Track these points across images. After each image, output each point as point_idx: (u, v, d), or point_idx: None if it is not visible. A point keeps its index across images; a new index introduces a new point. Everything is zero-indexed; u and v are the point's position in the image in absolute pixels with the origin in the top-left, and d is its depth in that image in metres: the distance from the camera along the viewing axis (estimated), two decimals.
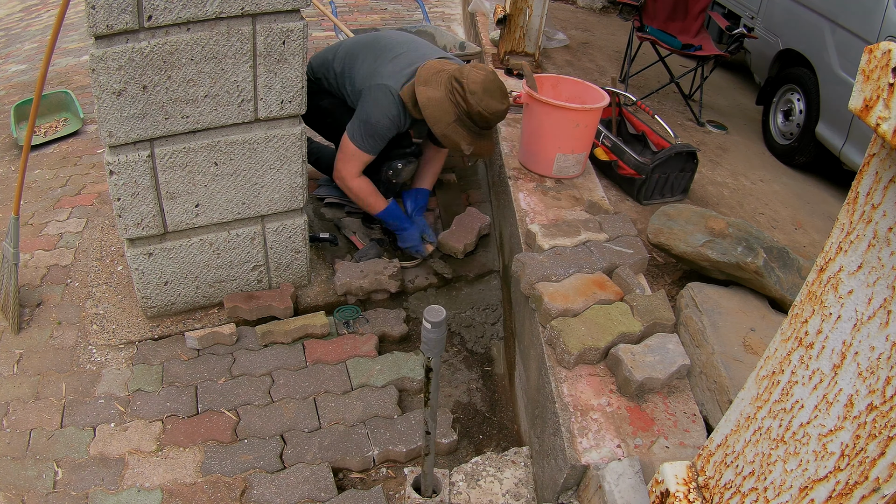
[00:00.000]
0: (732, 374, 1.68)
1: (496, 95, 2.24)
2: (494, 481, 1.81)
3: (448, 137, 2.29)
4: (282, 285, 2.53)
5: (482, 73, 2.24)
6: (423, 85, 2.28)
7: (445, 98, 2.25)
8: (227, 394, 2.15)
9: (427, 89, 2.27)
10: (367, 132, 2.37)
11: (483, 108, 2.22)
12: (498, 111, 2.26)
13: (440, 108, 2.25)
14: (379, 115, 2.34)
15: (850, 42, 3.46)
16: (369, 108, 2.36)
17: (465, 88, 2.21)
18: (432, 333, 1.36)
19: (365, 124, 2.36)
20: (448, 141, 2.31)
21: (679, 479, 1.25)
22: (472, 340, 2.58)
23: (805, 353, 0.99)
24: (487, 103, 2.22)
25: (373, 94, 2.35)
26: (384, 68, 2.39)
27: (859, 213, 0.88)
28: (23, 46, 5.73)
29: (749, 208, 3.12)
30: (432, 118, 2.26)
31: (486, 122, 2.28)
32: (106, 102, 1.88)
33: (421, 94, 2.27)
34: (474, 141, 2.32)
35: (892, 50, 0.75)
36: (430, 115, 2.26)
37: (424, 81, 2.28)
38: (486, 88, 2.21)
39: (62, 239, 2.91)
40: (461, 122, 2.27)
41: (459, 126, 2.28)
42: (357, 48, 2.55)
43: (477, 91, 2.20)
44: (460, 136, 2.28)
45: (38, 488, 1.84)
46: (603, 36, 5.52)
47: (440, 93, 2.26)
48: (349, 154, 2.42)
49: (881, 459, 0.83)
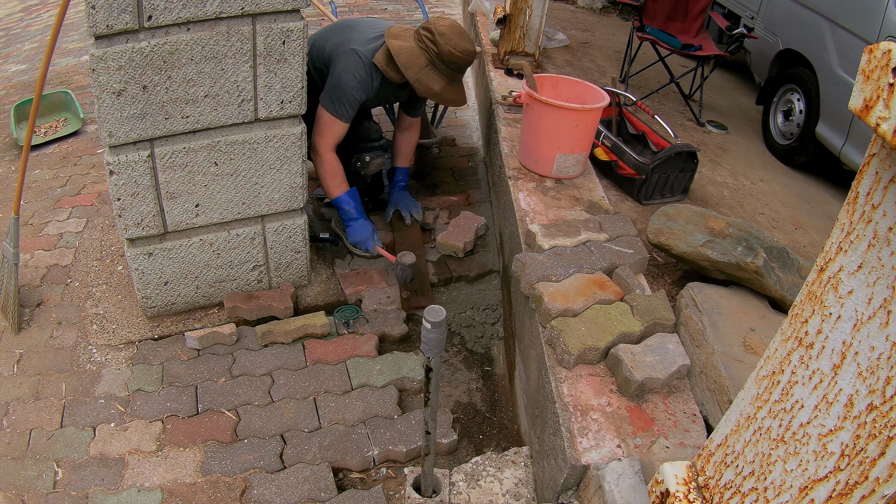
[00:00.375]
0: (732, 374, 1.68)
1: (464, 37, 2.38)
2: (494, 481, 1.81)
3: (421, 82, 2.40)
4: (282, 285, 2.53)
5: (448, 21, 2.41)
6: (394, 38, 2.43)
7: (415, 46, 2.40)
8: (227, 394, 2.15)
9: (397, 41, 2.42)
10: (337, 97, 2.44)
11: (453, 47, 2.35)
12: (467, 50, 2.38)
13: (411, 55, 2.38)
14: (348, 77, 2.43)
15: (850, 42, 3.46)
16: (338, 73, 2.44)
17: (433, 32, 2.36)
18: (432, 333, 1.36)
19: (335, 89, 2.44)
20: (421, 86, 2.42)
21: (679, 479, 1.25)
22: (472, 340, 2.58)
23: (805, 353, 0.99)
24: (456, 42, 2.35)
25: (341, 59, 2.44)
26: (352, 37, 2.50)
27: (859, 213, 0.88)
28: (23, 46, 5.73)
29: (749, 208, 3.12)
30: (405, 64, 2.38)
31: (456, 63, 2.40)
32: (106, 102, 1.88)
33: (392, 45, 2.41)
34: (447, 86, 2.45)
35: (892, 50, 0.75)
36: (403, 61, 2.38)
37: (395, 36, 2.44)
38: (454, 31, 2.36)
39: (62, 239, 2.91)
40: (433, 65, 2.40)
41: (431, 70, 2.40)
42: (328, 31, 2.66)
43: (446, 33, 2.35)
44: (432, 80, 2.41)
45: (38, 488, 1.84)
46: (603, 36, 5.51)
47: (410, 42, 2.41)
48: (323, 124, 2.48)
49: (881, 459, 0.83)
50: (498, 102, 3.27)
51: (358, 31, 2.55)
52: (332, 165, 2.56)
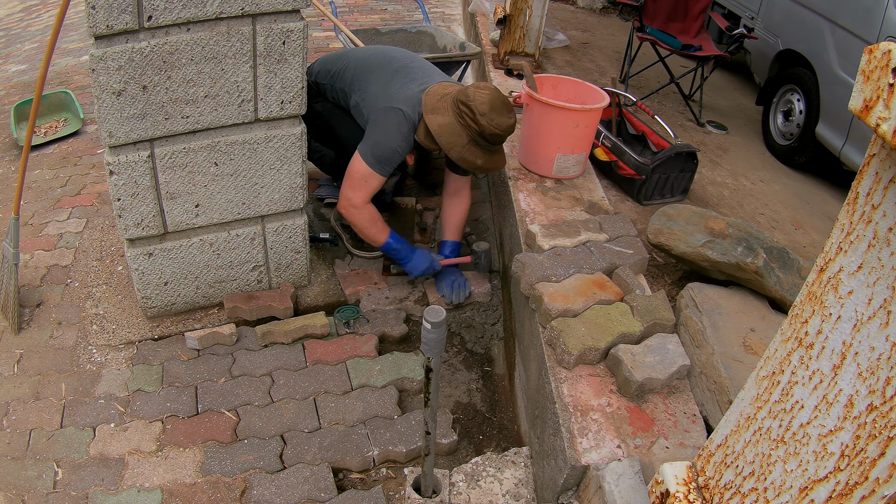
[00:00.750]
0: (732, 374, 1.68)
1: (504, 112, 2.28)
2: (494, 481, 1.81)
3: (465, 159, 2.32)
4: (282, 285, 2.53)
5: (487, 93, 2.28)
6: (431, 113, 2.31)
7: (455, 122, 2.28)
8: (227, 394, 2.15)
9: (436, 117, 2.30)
10: (382, 155, 2.33)
11: (495, 127, 2.25)
12: (509, 126, 2.30)
13: (453, 133, 2.28)
14: (395, 138, 2.33)
15: (850, 42, 3.46)
16: (385, 131, 2.33)
17: (473, 111, 2.25)
18: (432, 334, 1.36)
19: (380, 147, 2.33)
20: (465, 163, 2.33)
21: (679, 480, 1.25)
22: (472, 340, 2.58)
23: (805, 354, 0.99)
24: (498, 121, 2.26)
25: (389, 116, 2.33)
26: (398, 91, 2.38)
27: (859, 214, 0.88)
28: (23, 46, 5.73)
29: (749, 209, 3.12)
30: (447, 144, 2.29)
31: (498, 139, 2.32)
32: (106, 102, 1.88)
33: (432, 123, 2.29)
34: (489, 158, 2.36)
35: (892, 50, 0.75)
36: (445, 141, 2.29)
37: (432, 109, 2.31)
38: (493, 107, 2.25)
39: (62, 239, 2.91)
40: (474, 142, 2.30)
41: (473, 146, 2.31)
42: (366, 65, 2.53)
43: (486, 112, 2.24)
44: (475, 156, 2.32)
45: (38, 488, 1.84)
46: (603, 36, 5.52)
47: (449, 118, 2.29)
48: (362, 177, 2.36)
49: (881, 460, 0.83)
50: None
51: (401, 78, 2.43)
52: (371, 215, 2.44)
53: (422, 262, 2.52)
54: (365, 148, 2.34)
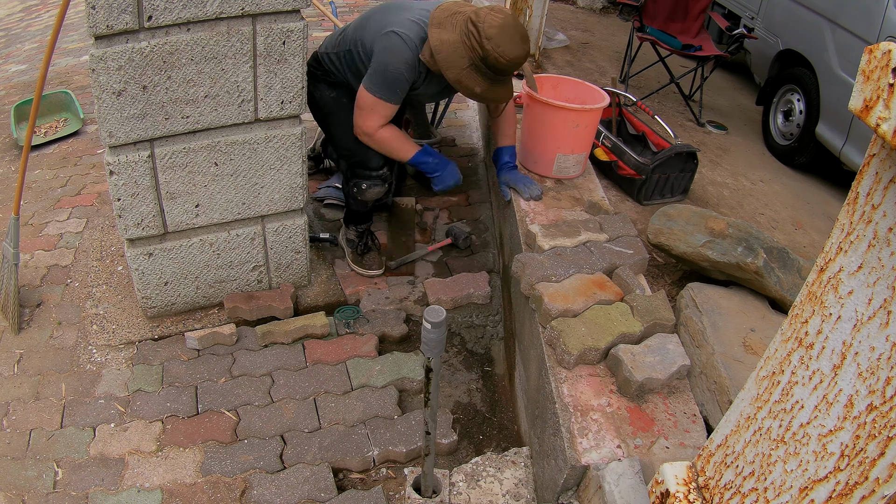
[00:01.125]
0: (732, 374, 1.68)
1: (515, 40, 2.10)
2: (494, 482, 1.81)
3: (461, 83, 2.18)
4: (282, 285, 2.53)
5: (500, 17, 2.10)
6: (437, 27, 2.16)
7: (459, 41, 2.13)
8: (227, 394, 2.15)
9: (441, 32, 2.15)
10: (384, 80, 2.24)
11: (500, 55, 2.09)
12: (516, 57, 2.12)
13: (454, 52, 2.13)
14: (394, 60, 2.21)
15: (850, 42, 3.46)
16: (383, 56, 2.23)
17: (481, 33, 2.08)
18: (432, 334, 1.36)
19: (382, 73, 2.23)
20: (461, 86, 2.20)
21: (679, 480, 1.25)
22: (472, 340, 2.58)
23: (805, 354, 0.99)
24: (504, 49, 2.08)
25: (384, 41, 2.22)
26: (394, 19, 2.27)
27: (859, 214, 0.88)
28: (23, 46, 5.73)
29: (749, 209, 3.12)
30: (445, 63, 2.14)
31: (503, 69, 2.15)
32: (106, 102, 1.88)
33: (433, 37, 2.15)
34: (490, 87, 2.21)
35: (892, 50, 0.75)
36: (443, 59, 2.14)
37: (438, 24, 2.17)
38: (503, 32, 2.08)
39: (62, 239, 2.91)
40: (476, 67, 2.15)
41: (473, 71, 2.16)
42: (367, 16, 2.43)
43: (493, 36, 2.07)
44: (474, 82, 2.17)
45: (38, 488, 1.84)
46: (603, 36, 5.52)
47: (454, 35, 2.14)
48: (369, 106, 2.26)
49: (881, 460, 0.83)
50: None
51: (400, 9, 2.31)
52: (390, 137, 2.33)
53: (451, 176, 2.44)
54: (368, 79, 2.24)
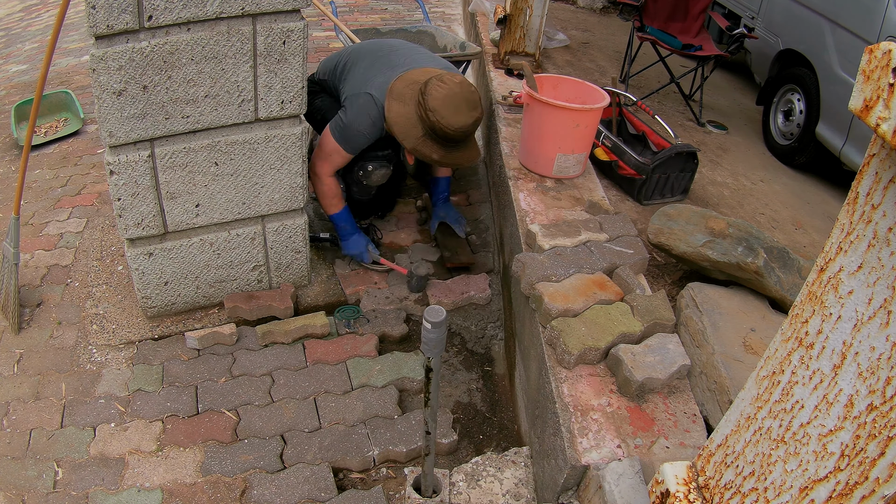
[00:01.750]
0: (732, 374, 1.68)
1: (461, 109, 2.16)
2: (494, 481, 1.81)
3: (418, 151, 2.25)
4: (282, 285, 2.53)
5: (445, 88, 2.16)
6: (395, 99, 2.25)
7: (413, 112, 2.20)
8: (227, 394, 2.15)
9: (396, 104, 2.24)
10: (347, 135, 2.39)
11: (445, 125, 2.15)
12: (461, 127, 2.17)
13: (408, 123, 2.21)
14: (361, 123, 2.34)
15: (851, 42, 3.46)
16: (352, 114, 2.36)
17: (425, 105, 2.16)
18: (432, 333, 1.36)
19: (347, 128, 2.38)
20: (419, 155, 2.27)
21: (679, 480, 1.25)
22: (472, 340, 2.58)
23: (805, 354, 0.99)
24: (449, 120, 2.14)
25: (358, 101, 2.36)
26: (375, 77, 2.40)
27: (859, 214, 0.88)
28: (23, 46, 5.73)
29: (749, 208, 3.12)
30: (400, 134, 2.22)
31: (450, 138, 2.21)
32: (106, 102, 1.88)
33: (389, 110, 2.25)
34: (448, 153, 2.27)
35: (892, 50, 0.75)
36: (398, 131, 2.22)
37: (396, 96, 2.25)
38: (448, 104, 2.14)
39: (62, 239, 2.91)
40: (429, 136, 2.22)
41: (429, 140, 2.22)
42: (358, 54, 2.57)
43: (437, 108, 2.14)
44: (431, 150, 2.24)
45: (38, 488, 1.84)
46: (603, 36, 5.51)
47: (409, 108, 2.21)
48: (328, 151, 2.43)
49: (881, 459, 0.83)
50: (498, 102, 3.27)
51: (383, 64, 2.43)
52: (330, 188, 2.53)
53: (356, 246, 2.65)
54: (334, 125, 2.39)
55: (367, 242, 2.69)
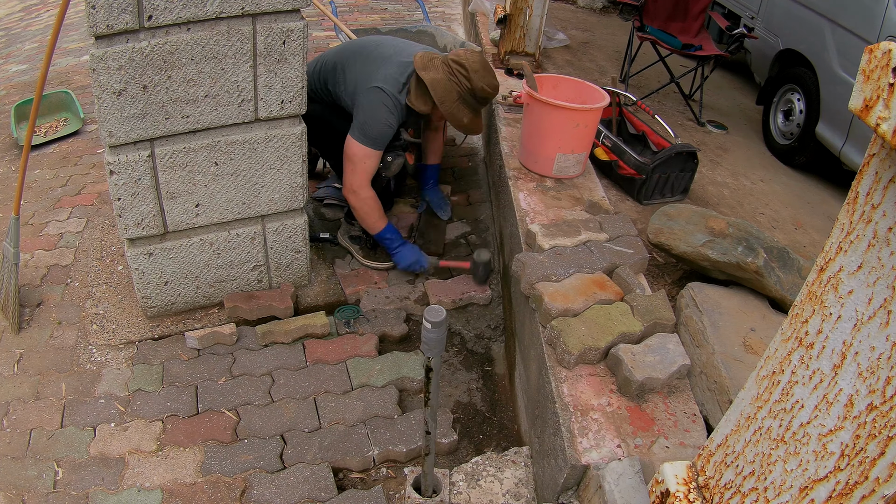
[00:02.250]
0: (732, 374, 1.68)
1: (492, 73, 2.49)
2: (494, 481, 1.81)
3: (454, 115, 2.47)
4: (282, 285, 2.53)
5: (478, 55, 2.48)
6: (424, 70, 2.45)
7: (446, 79, 2.43)
8: (227, 394, 2.15)
9: (428, 72, 2.44)
10: (373, 133, 2.44)
11: (486, 84, 2.44)
12: (496, 86, 2.50)
13: (445, 89, 2.43)
14: (382, 114, 2.44)
15: (851, 42, 3.46)
16: (371, 111, 2.44)
17: (467, 69, 2.42)
18: (432, 333, 1.36)
19: (369, 126, 2.43)
20: (453, 119, 2.49)
21: (679, 479, 1.25)
22: (472, 340, 2.58)
23: (805, 353, 0.99)
24: (489, 80, 2.45)
25: (370, 97, 2.44)
26: (375, 72, 2.49)
27: (859, 213, 0.88)
28: (23, 46, 5.73)
29: (749, 208, 3.11)
30: (441, 97, 2.43)
31: (486, 98, 2.50)
32: (106, 102, 1.88)
33: (426, 77, 2.43)
34: (473, 118, 2.53)
35: (892, 50, 0.75)
36: (440, 94, 2.43)
37: (423, 66, 2.46)
38: (485, 67, 2.45)
39: (62, 239, 2.91)
40: (463, 100, 2.46)
41: (462, 104, 2.47)
42: (345, 57, 2.61)
43: (479, 70, 2.43)
44: (463, 113, 2.48)
45: (38, 488, 1.84)
46: (603, 36, 5.51)
47: (441, 74, 2.44)
48: (359, 159, 2.45)
49: (881, 459, 0.83)
50: (498, 102, 3.27)
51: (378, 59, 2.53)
52: (372, 202, 2.55)
53: (410, 255, 2.67)
54: (356, 131, 2.45)
55: (419, 249, 2.70)
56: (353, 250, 2.82)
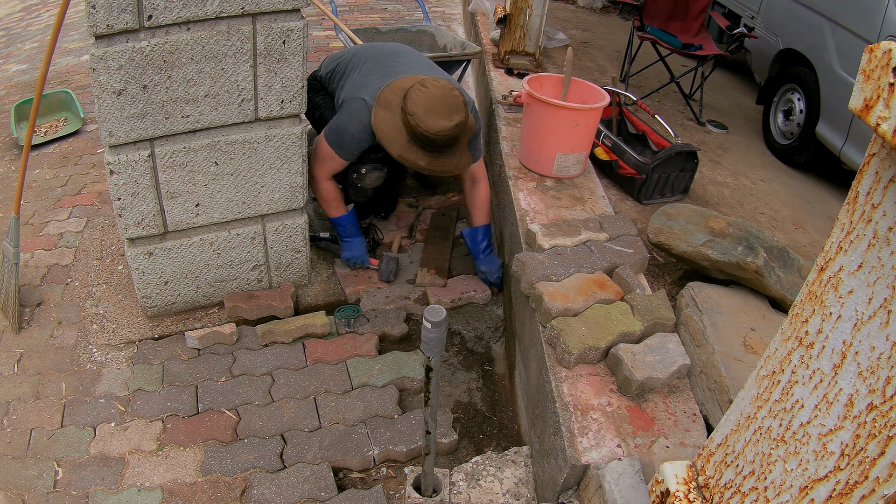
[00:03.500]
0: (732, 373, 1.68)
1: (441, 113, 2.12)
2: (495, 481, 1.81)
3: (405, 159, 2.23)
4: (282, 285, 2.53)
5: (426, 92, 2.13)
6: (381, 107, 2.24)
7: (399, 119, 2.18)
8: (227, 393, 2.15)
9: (381, 111, 2.23)
10: (340, 140, 2.38)
11: (425, 129, 2.12)
12: (441, 130, 2.12)
13: (393, 130, 2.19)
14: (354, 126, 2.33)
15: (851, 42, 3.45)
16: (345, 119, 2.35)
17: (406, 109, 2.15)
18: (432, 333, 1.36)
19: (339, 133, 2.37)
20: (406, 163, 2.25)
21: (679, 479, 1.25)
22: (472, 340, 2.58)
23: (805, 353, 0.99)
24: (428, 124, 2.11)
25: (352, 105, 2.35)
26: (371, 83, 2.37)
27: (859, 213, 0.88)
28: (23, 46, 5.73)
29: (749, 208, 3.11)
30: (386, 141, 2.22)
31: (432, 143, 2.17)
32: (106, 102, 1.88)
33: (374, 118, 2.25)
34: (434, 159, 2.23)
35: (892, 49, 0.75)
36: (383, 138, 2.22)
37: (384, 103, 2.23)
38: (428, 108, 2.11)
39: (62, 238, 2.91)
40: (414, 142, 2.19)
41: (414, 146, 2.19)
42: (360, 59, 2.56)
43: (416, 112, 2.12)
44: (417, 156, 2.21)
45: (38, 488, 1.84)
46: (603, 36, 5.51)
47: (395, 114, 2.20)
48: (323, 156, 2.43)
49: (881, 459, 0.83)
50: (498, 102, 3.27)
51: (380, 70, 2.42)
52: (328, 191, 2.54)
53: (356, 249, 2.66)
54: (328, 130, 2.41)
55: (364, 247, 2.69)
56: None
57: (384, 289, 2.65)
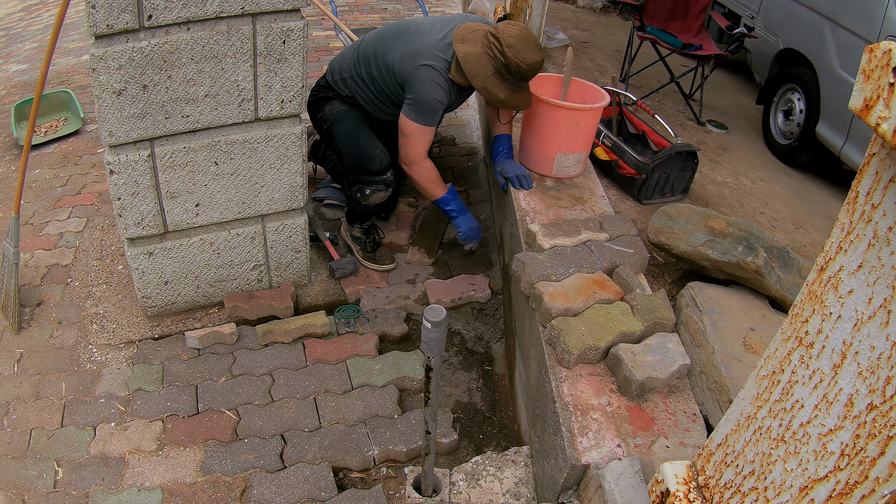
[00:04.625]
0: (732, 373, 1.68)
1: (531, 48, 2.34)
2: (495, 481, 1.81)
3: (487, 90, 2.39)
4: (282, 285, 2.53)
5: (517, 28, 2.36)
6: (461, 42, 2.40)
7: (483, 53, 2.36)
8: (227, 393, 2.15)
9: (465, 45, 2.39)
10: (426, 110, 2.45)
11: (520, 60, 2.31)
12: (534, 62, 2.34)
13: (478, 63, 2.36)
14: (432, 89, 2.43)
15: (851, 41, 3.45)
16: (423, 90, 2.44)
17: (501, 42, 2.32)
18: (432, 333, 1.36)
19: (421, 103, 2.44)
20: (487, 94, 2.41)
21: (679, 479, 1.25)
22: (472, 340, 2.58)
23: (805, 353, 0.99)
24: (524, 55, 2.31)
25: (420, 74, 2.43)
26: (419, 50, 2.47)
27: (859, 213, 0.88)
28: (23, 46, 5.73)
29: (749, 208, 3.11)
30: (472, 72, 2.37)
31: (523, 74, 2.37)
32: (106, 102, 1.88)
33: (459, 50, 2.39)
34: (512, 93, 2.42)
35: (892, 49, 0.75)
36: (470, 69, 2.37)
37: (462, 39, 2.41)
38: (521, 41, 2.31)
39: (62, 238, 2.91)
40: (499, 75, 2.37)
41: (497, 79, 2.38)
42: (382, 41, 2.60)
43: (514, 44, 2.31)
44: (498, 89, 2.39)
45: (38, 488, 1.84)
46: (603, 36, 5.51)
47: (478, 48, 2.37)
48: (414, 134, 2.48)
49: (881, 459, 0.83)
50: None
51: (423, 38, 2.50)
52: (430, 171, 2.58)
53: (473, 220, 2.68)
54: (407, 111, 2.47)
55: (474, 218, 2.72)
56: (354, 250, 2.82)
57: (384, 289, 2.65)
